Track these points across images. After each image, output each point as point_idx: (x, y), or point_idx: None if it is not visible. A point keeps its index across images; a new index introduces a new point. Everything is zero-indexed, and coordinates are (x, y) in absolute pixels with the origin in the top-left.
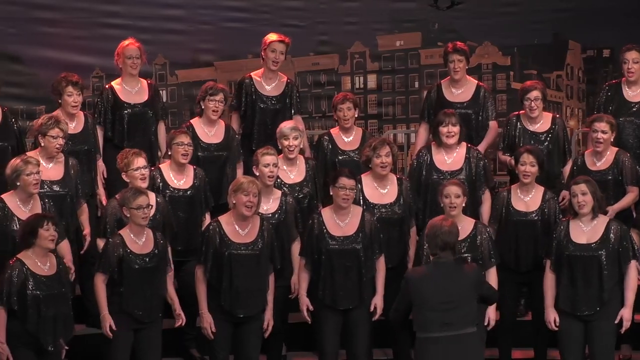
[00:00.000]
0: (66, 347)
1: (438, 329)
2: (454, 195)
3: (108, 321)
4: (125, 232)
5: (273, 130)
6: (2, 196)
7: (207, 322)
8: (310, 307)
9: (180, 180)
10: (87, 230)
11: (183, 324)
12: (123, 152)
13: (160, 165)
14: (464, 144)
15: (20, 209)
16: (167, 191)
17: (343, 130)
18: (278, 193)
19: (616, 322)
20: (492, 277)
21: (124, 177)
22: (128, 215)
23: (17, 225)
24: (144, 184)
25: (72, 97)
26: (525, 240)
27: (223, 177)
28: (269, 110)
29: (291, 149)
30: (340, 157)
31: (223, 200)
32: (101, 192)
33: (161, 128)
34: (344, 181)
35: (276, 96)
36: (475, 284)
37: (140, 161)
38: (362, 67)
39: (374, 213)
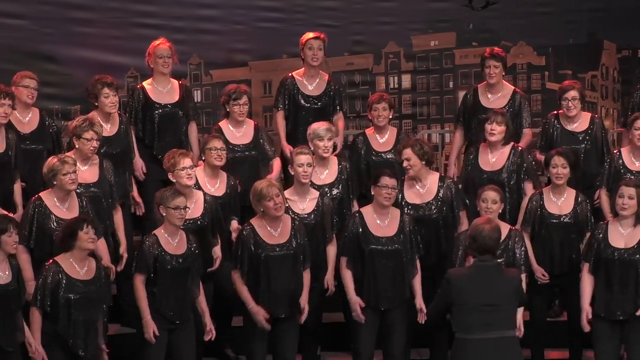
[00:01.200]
0: (106, 350)
1: (479, 331)
2: (491, 200)
3: (151, 327)
4: (159, 232)
5: None
6: (40, 194)
7: (261, 314)
8: (362, 304)
9: (214, 185)
10: (123, 247)
11: (213, 339)
12: (170, 152)
13: (195, 169)
14: (509, 145)
15: (58, 207)
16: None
17: (377, 130)
18: (315, 193)
19: None
20: (523, 282)
21: (170, 176)
22: (164, 214)
23: (55, 224)
24: (190, 182)
25: (109, 98)
26: (559, 243)
27: (255, 178)
28: (311, 109)
29: (325, 149)
30: (374, 158)
31: (237, 216)
32: (135, 194)
33: (192, 128)
34: (386, 180)
35: (318, 95)
36: (517, 289)
37: (187, 161)
38: (397, 67)
39: (413, 213)
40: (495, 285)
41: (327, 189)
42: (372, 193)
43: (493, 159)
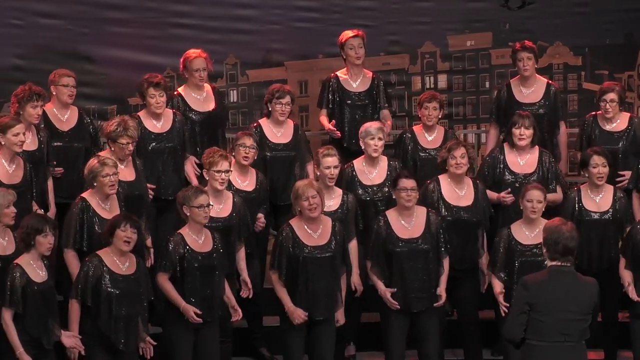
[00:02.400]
0: (153, 343)
1: (555, 339)
2: (536, 200)
3: (191, 310)
4: (185, 231)
5: None
6: (82, 195)
7: (299, 315)
8: (392, 290)
9: (244, 181)
10: (149, 241)
11: (240, 319)
12: (210, 150)
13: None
14: (536, 147)
15: (101, 207)
16: (231, 191)
17: (426, 128)
18: (339, 191)
19: None
20: None
21: (204, 174)
22: (188, 213)
23: (99, 224)
24: (221, 187)
25: (155, 98)
26: (598, 240)
27: (291, 177)
28: (357, 106)
29: (376, 148)
30: (421, 155)
31: (290, 200)
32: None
33: (226, 133)
34: (404, 182)
35: (363, 92)
36: (594, 299)
37: (225, 165)
38: (433, 67)
39: (453, 214)
40: (572, 293)
41: (375, 189)
42: (394, 197)
43: (522, 162)
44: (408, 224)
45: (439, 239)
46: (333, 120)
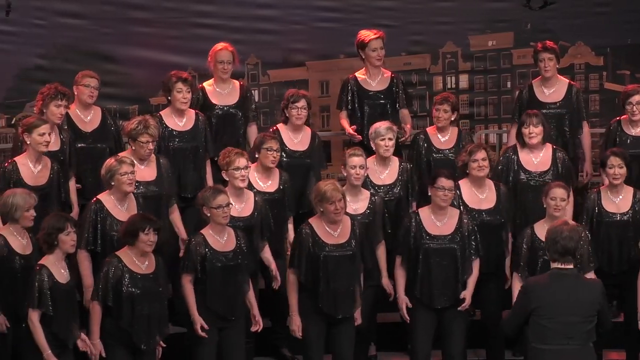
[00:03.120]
0: (163, 345)
1: (558, 342)
2: (559, 198)
3: (199, 322)
4: (206, 232)
5: None
6: (98, 197)
7: (297, 324)
8: (409, 305)
9: (266, 183)
10: (183, 235)
11: (259, 330)
12: (226, 150)
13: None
14: (549, 145)
15: (117, 208)
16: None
17: (439, 129)
18: (367, 193)
19: None
20: None
21: (223, 175)
22: (208, 214)
23: (115, 225)
24: (242, 185)
25: (182, 93)
26: (618, 241)
27: (307, 184)
28: (376, 105)
29: (386, 149)
30: (435, 155)
31: (305, 208)
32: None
33: (252, 130)
34: (443, 182)
35: (382, 91)
36: (599, 299)
37: (242, 161)
38: (454, 67)
39: (475, 218)
40: (576, 296)
41: (386, 189)
42: (429, 193)
43: (536, 160)
44: (440, 222)
45: (470, 241)
46: (354, 125)
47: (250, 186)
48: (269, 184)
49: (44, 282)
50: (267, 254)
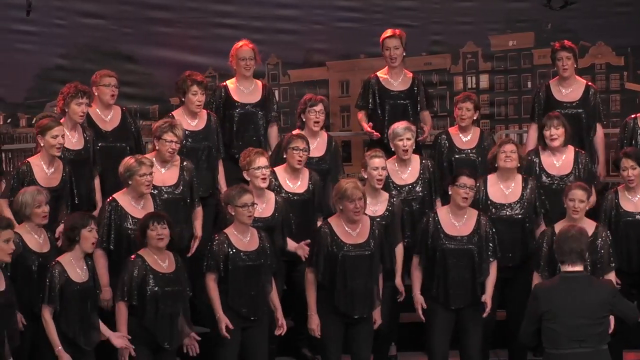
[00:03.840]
0: (198, 337)
1: (571, 346)
2: (578, 199)
3: (224, 321)
4: (230, 231)
5: None
6: (114, 195)
7: (315, 324)
8: (424, 305)
9: (295, 183)
10: (199, 234)
11: (283, 334)
12: (246, 150)
13: (275, 168)
14: (571, 147)
15: (134, 207)
16: (282, 194)
17: (461, 128)
18: (386, 195)
19: None
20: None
21: (244, 175)
22: (233, 213)
23: (131, 224)
24: (264, 184)
25: (197, 96)
26: (636, 240)
27: (326, 189)
28: (398, 105)
29: (405, 149)
30: (456, 156)
31: (323, 214)
32: (223, 189)
33: (273, 130)
34: (464, 180)
35: (403, 91)
36: (609, 301)
37: (262, 160)
38: (475, 67)
39: (497, 212)
40: (586, 298)
41: (408, 190)
42: (450, 192)
43: (558, 163)
44: (458, 222)
45: (488, 242)
46: (370, 122)
47: (279, 187)
48: (298, 185)
49: (55, 278)
50: (274, 297)
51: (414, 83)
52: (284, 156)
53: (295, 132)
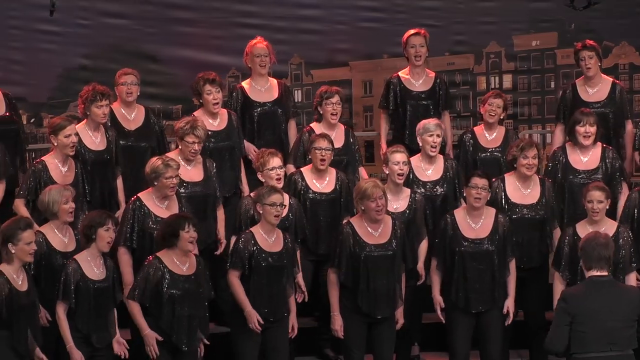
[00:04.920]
0: (207, 342)
1: (600, 349)
2: (596, 200)
3: (254, 315)
4: (256, 230)
5: None
6: (139, 195)
7: (339, 324)
8: (442, 305)
9: (322, 183)
10: (222, 233)
11: (293, 336)
12: (259, 151)
13: (302, 169)
14: (599, 144)
15: (158, 206)
16: (309, 194)
17: (487, 127)
18: (407, 191)
19: None
20: (631, 281)
21: (259, 176)
22: (261, 212)
23: (155, 223)
24: (279, 184)
25: (212, 95)
26: None
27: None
28: (419, 106)
29: (434, 145)
30: (481, 155)
31: (350, 213)
32: (245, 188)
33: (292, 126)
34: (476, 180)
35: (425, 91)
36: (636, 304)
37: (276, 161)
38: (498, 67)
39: (516, 212)
40: (615, 301)
41: (432, 186)
42: (464, 194)
43: (585, 159)
44: (475, 224)
45: (506, 242)
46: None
47: (307, 188)
48: (325, 185)
49: (70, 274)
50: (291, 299)
51: (435, 83)
52: (309, 157)
53: (312, 125)
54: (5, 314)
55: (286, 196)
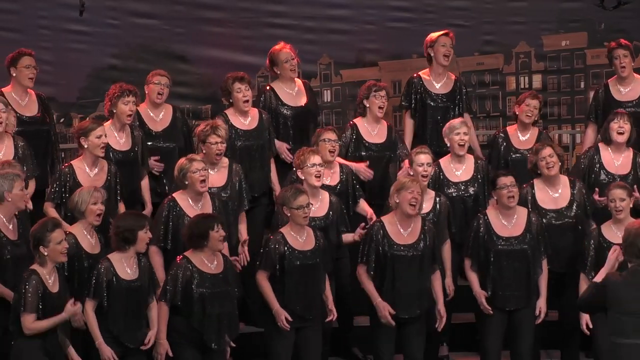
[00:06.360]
0: (232, 345)
1: (634, 336)
2: (618, 199)
3: (282, 314)
4: (286, 230)
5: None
6: (173, 195)
7: (386, 309)
8: (486, 294)
9: (328, 176)
10: (245, 237)
11: (334, 319)
12: (300, 149)
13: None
14: (631, 149)
15: (192, 207)
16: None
17: (521, 126)
18: (432, 193)
19: None
20: None
21: (299, 173)
22: (289, 215)
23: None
24: (317, 182)
25: (242, 92)
26: None
27: (386, 177)
28: (439, 107)
29: (461, 143)
30: (513, 155)
31: (385, 200)
32: (276, 187)
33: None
34: (503, 180)
35: (445, 93)
36: None
37: (316, 158)
38: (527, 67)
39: (546, 218)
40: None
41: (462, 187)
42: (495, 198)
43: (617, 162)
44: (508, 223)
45: (539, 240)
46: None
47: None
48: (329, 179)
49: (102, 273)
50: (327, 290)
51: (455, 85)
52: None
53: (356, 120)
54: (40, 314)
55: (326, 193)
